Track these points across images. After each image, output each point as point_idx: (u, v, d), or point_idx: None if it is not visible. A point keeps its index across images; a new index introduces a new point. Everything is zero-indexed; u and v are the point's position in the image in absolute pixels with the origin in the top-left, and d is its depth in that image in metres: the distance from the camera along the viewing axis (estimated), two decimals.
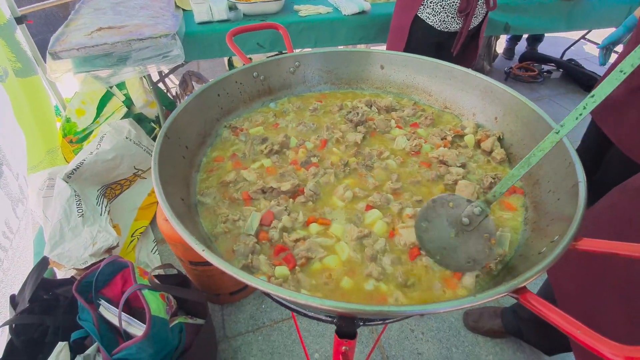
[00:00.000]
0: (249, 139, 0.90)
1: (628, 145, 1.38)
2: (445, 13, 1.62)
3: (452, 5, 1.59)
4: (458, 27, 1.67)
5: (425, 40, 1.72)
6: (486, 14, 1.74)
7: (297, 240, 0.67)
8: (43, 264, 1.33)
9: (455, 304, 0.44)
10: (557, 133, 0.51)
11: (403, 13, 1.71)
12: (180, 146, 0.77)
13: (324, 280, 0.63)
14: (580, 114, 0.49)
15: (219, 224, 0.69)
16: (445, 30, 1.67)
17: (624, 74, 0.46)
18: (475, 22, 1.71)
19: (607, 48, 1.64)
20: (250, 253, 0.65)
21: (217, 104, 0.92)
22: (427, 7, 1.62)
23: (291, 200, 0.75)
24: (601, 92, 0.47)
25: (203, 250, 0.49)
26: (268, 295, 0.45)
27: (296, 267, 0.64)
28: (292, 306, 0.66)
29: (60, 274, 1.59)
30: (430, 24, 1.65)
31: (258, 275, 0.62)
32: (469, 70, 0.96)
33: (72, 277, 1.48)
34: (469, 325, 1.58)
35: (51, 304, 1.31)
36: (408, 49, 1.76)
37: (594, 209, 1.01)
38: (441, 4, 1.59)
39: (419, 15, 1.65)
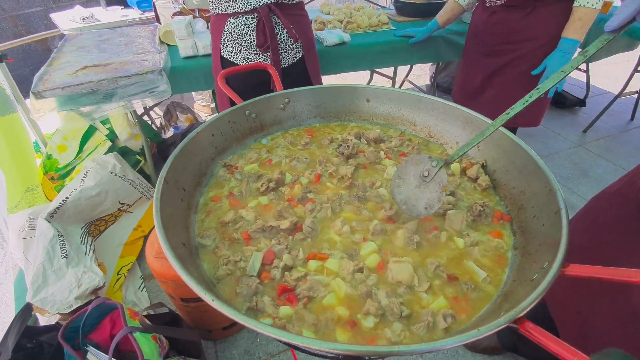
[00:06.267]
0: (244, 176, 0.92)
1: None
2: (247, 50, 1.49)
3: (249, 41, 1.47)
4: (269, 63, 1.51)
5: (246, 83, 1.51)
6: (305, 50, 1.60)
7: (298, 279, 0.68)
8: (26, 311, 1.27)
9: (462, 338, 0.46)
10: (507, 114, 0.66)
11: (215, 58, 1.58)
12: (178, 189, 0.78)
13: (326, 317, 0.64)
14: (527, 101, 0.63)
15: (221, 266, 0.69)
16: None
17: (564, 73, 0.58)
18: (290, 57, 1.56)
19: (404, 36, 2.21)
20: (254, 295, 0.65)
21: (212, 144, 0.94)
22: (227, 45, 1.50)
23: (290, 237, 0.77)
24: (544, 87, 0.60)
25: (213, 300, 0.49)
26: (279, 340, 0.45)
27: (299, 305, 0.65)
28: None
29: (44, 320, 1.52)
30: (236, 62, 1.52)
31: (264, 317, 0.62)
32: (450, 102, 1.03)
33: (57, 322, 1.42)
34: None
35: (35, 353, 1.24)
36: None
37: (576, 215, 1.10)
38: (238, 40, 1.48)
39: (223, 55, 1.53)
